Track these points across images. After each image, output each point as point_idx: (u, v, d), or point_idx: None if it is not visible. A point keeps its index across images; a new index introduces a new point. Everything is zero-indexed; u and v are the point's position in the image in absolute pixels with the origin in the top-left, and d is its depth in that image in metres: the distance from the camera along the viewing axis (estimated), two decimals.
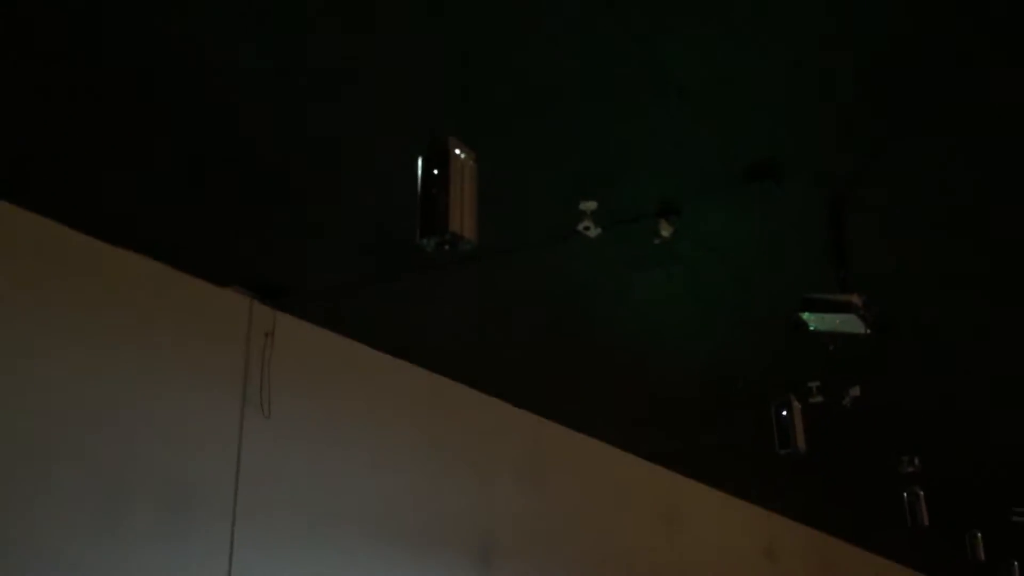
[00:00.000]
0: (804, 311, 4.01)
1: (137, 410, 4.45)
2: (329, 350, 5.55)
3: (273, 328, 5.10)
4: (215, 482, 4.74)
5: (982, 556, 10.15)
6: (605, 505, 7.98)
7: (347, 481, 5.49)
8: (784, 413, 5.24)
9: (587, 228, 4.02)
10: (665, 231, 4.14)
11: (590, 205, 3.99)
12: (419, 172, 2.87)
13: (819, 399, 5.67)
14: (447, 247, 2.72)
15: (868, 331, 4.03)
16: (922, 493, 6.99)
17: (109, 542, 4.18)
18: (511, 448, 7.01)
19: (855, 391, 5.68)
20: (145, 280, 4.60)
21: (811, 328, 4.11)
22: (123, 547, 4.23)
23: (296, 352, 5.27)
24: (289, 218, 4.38)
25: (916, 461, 7.07)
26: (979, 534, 10.13)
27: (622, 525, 8.18)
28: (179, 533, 4.50)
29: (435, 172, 2.83)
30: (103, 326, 4.39)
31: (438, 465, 6.24)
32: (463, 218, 2.64)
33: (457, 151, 2.87)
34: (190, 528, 4.57)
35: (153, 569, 4.33)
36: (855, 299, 3.94)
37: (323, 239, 4.56)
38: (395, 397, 5.97)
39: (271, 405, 5.02)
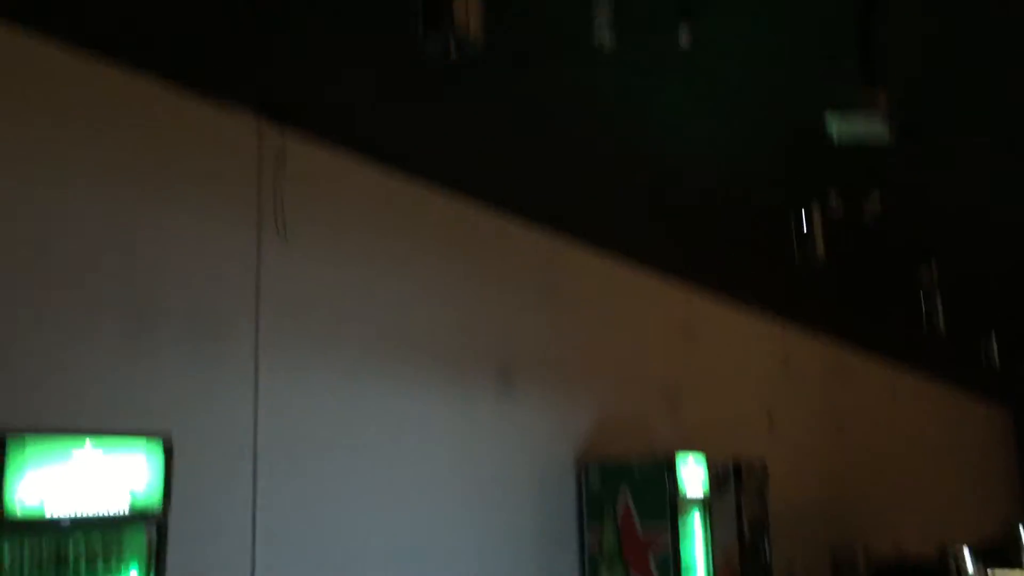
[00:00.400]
0: (829, 118, 3.90)
1: (153, 235, 4.46)
2: (344, 173, 5.50)
3: (285, 150, 5.02)
4: (236, 308, 4.79)
5: (996, 360, 10.35)
6: (624, 324, 8.12)
7: (368, 306, 5.56)
8: (804, 222, 5.20)
9: (602, 37, 3.85)
10: (684, 38, 3.97)
11: (605, 12, 3.81)
12: None
13: (838, 208, 5.62)
14: (452, 51, 2.59)
15: (891, 136, 3.93)
16: (939, 299, 7.02)
17: (134, 366, 4.28)
18: (531, 271, 7.05)
19: (874, 200, 5.62)
20: (153, 102, 4.51)
21: (835, 134, 4.01)
22: (148, 371, 4.33)
23: (310, 176, 5.22)
24: (300, 32, 4.21)
25: (933, 268, 7.07)
26: (994, 338, 10.28)
27: (641, 343, 8.35)
28: (203, 359, 4.60)
29: None
30: (116, 152, 4.35)
31: (458, 288, 6.30)
32: (468, 12, 2.50)
33: None
34: (214, 354, 4.66)
35: (180, 395, 4.44)
36: (880, 103, 3.82)
37: (336, 53, 4.39)
38: (413, 220, 5.96)
39: (288, 230, 5.01)
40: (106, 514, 3.49)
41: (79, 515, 3.39)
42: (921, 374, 16.03)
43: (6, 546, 3.30)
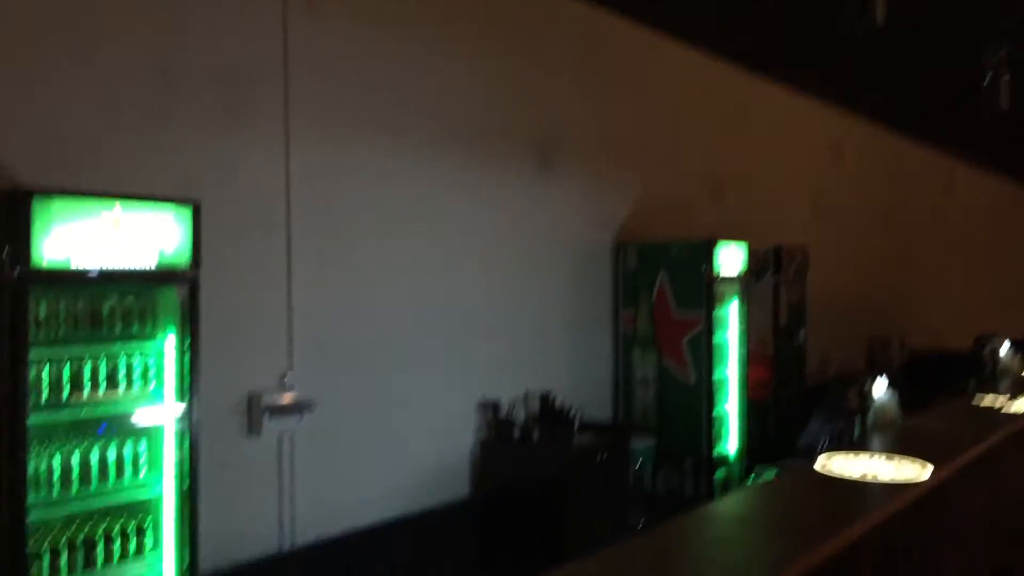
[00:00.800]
0: None
1: None
2: None
3: None
4: (264, 74, 4.64)
5: None
6: (671, 106, 7.83)
7: (403, 79, 5.36)
8: None
9: None
10: None
11: None
12: None
13: None
14: None
15: None
16: (1007, 77, 6.60)
17: (163, 130, 4.20)
18: (574, 46, 6.73)
19: None
20: None
21: None
22: (177, 136, 4.25)
23: None
24: None
25: (1003, 46, 6.61)
26: None
27: (688, 127, 8.08)
28: (233, 125, 4.50)
29: None
30: None
31: (496, 62, 6.05)
32: None
33: None
34: (244, 121, 4.56)
35: (210, 160, 4.38)
36: None
37: None
38: None
39: None
40: (134, 268, 3.50)
41: (107, 268, 3.40)
42: (977, 166, 15.57)
43: (41, 302, 3.35)
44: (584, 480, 5.70)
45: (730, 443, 7.38)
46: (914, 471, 3.50)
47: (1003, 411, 5.11)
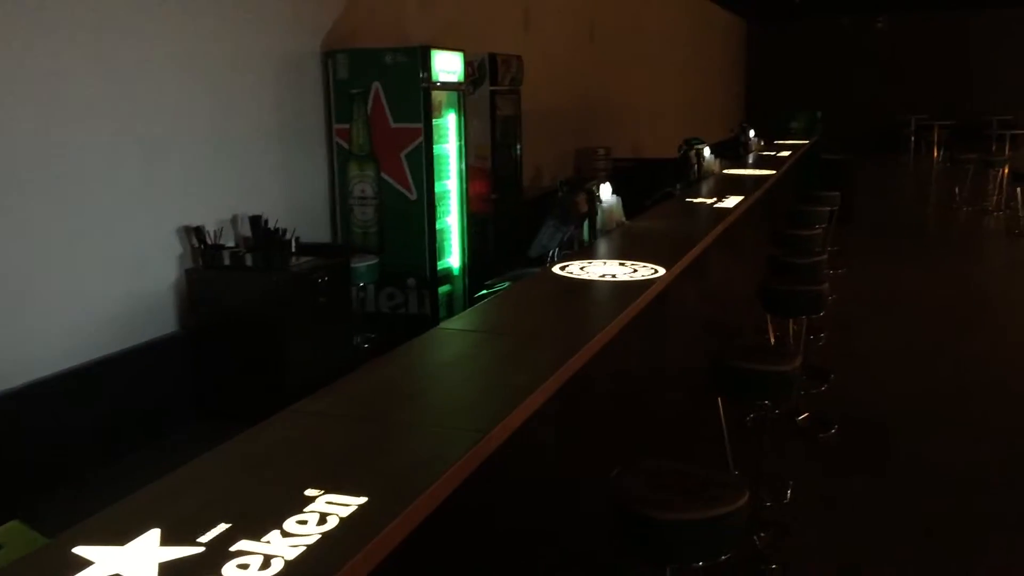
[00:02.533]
0: None
1: None
2: None
3: None
4: None
5: None
6: None
7: None
8: None
9: None
10: None
11: None
12: None
13: None
14: None
15: None
16: None
17: None
18: None
19: None
20: None
21: None
22: None
23: None
24: None
25: None
26: None
27: None
28: None
29: None
30: None
31: None
32: None
33: None
34: None
35: None
36: None
37: None
38: None
39: None
40: None
41: None
42: None
43: None
44: (304, 305, 5.35)
45: (453, 258, 7.29)
46: (648, 272, 3.47)
47: (714, 206, 5.31)
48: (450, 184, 7.15)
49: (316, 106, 6.63)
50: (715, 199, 5.63)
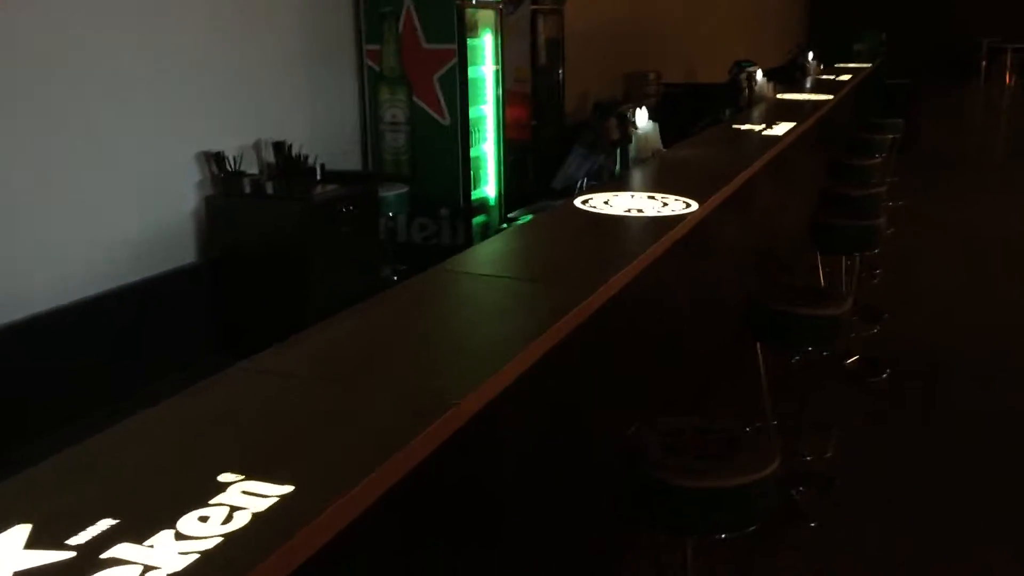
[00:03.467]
0: None
1: None
2: None
3: None
4: None
5: None
6: None
7: None
8: None
9: None
10: None
11: None
12: None
13: None
14: None
15: None
16: None
17: None
18: None
19: None
20: None
21: None
22: None
23: None
24: None
25: None
26: None
27: None
28: None
29: None
30: None
31: None
32: None
33: None
34: None
35: None
36: None
37: None
38: None
39: None
40: None
41: None
42: None
43: None
44: (328, 235, 5.12)
45: (489, 187, 7.00)
46: (679, 207, 3.16)
47: (763, 134, 4.93)
48: (486, 109, 6.83)
49: (345, 26, 6.32)
50: (764, 126, 5.23)
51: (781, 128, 5.13)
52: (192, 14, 4.96)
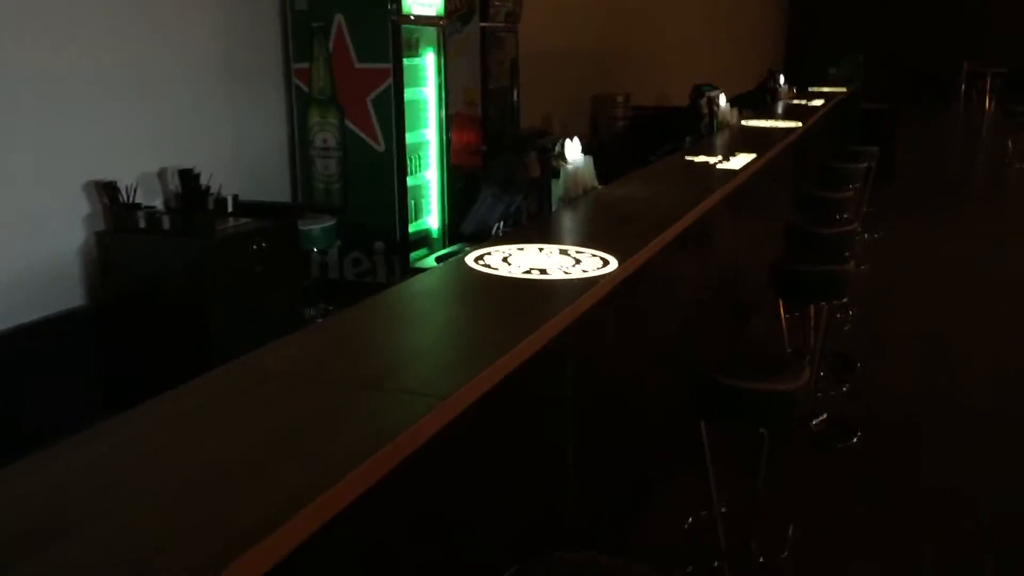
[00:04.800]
0: None
1: None
2: None
3: None
4: None
5: None
6: None
7: None
8: None
9: None
10: None
11: None
12: None
13: None
14: None
15: None
16: None
17: None
18: None
19: None
20: None
21: None
22: None
23: None
24: None
25: None
26: None
27: None
28: None
29: None
30: None
31: None
32: None
33: None
34: None
35: None
36: None
37: None
38: None
39: None
40: None
41: None
42: None
43: None
44: (236, 276, 4.56)
45: (432, 218, 6.46)
46: (594, 265, 2.60)
47: (717, 167, 4.39)
48: (428, 134, 6.30)
49: (272, 42, 5.78)
50: (721, 158, 4.69)
51: (740, 160, 4.59)
52: (85, 15, 4.40)
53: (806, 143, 6.96)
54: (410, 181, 5.97)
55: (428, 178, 6.34)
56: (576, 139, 3.34)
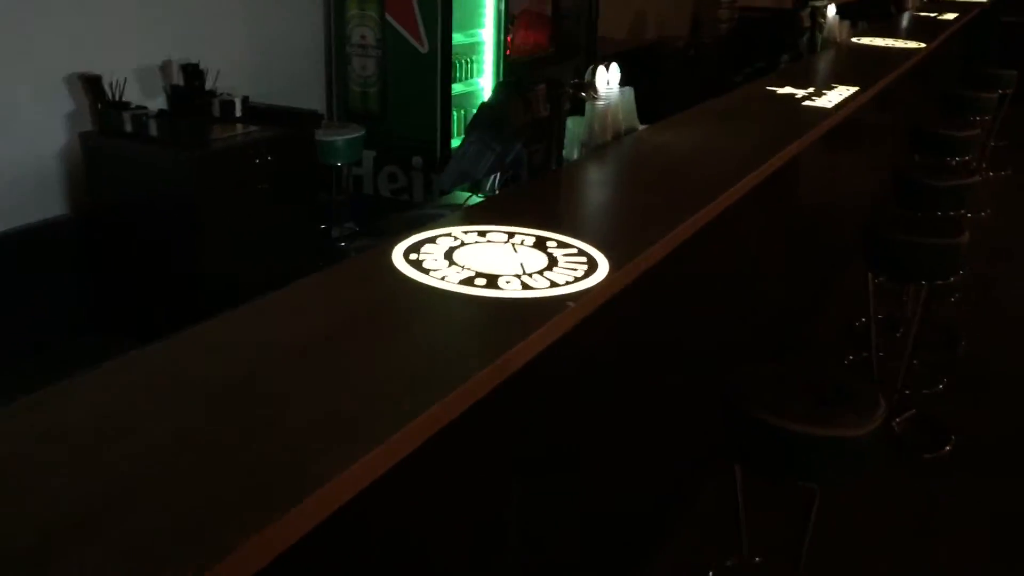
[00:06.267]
0: None
1: None
2: None
3: None
4: None
5: None
6: None
7: None
8: None
9: None
10: None
11: None
12: None
13: None
14: None
15: None
16: None
17: None
18: None
19: None
20: None
21: None
22: None
23: None
24: None
25: None
26: None
27: None
28: None
29: None
30: None
31: None
32: None
33: None
34: None
35: None
36: None
37: None
38: None
39: None
40: None
41: None
42: None
43: None
44: (232, 192, 3.97)
45: None
46: (571, 274, 1.78)
47: (804, 103, 3.50)
48: (484, 34, 5.52)
49: None
50: (813, 90, 3.75)
51: (836, 95, 3.66)
52: None
53: (929, 67, 5.91)
54: (459, 88, 5.24)
55: (482, 85, 5.59)
56: (615, 65, 2.55)
